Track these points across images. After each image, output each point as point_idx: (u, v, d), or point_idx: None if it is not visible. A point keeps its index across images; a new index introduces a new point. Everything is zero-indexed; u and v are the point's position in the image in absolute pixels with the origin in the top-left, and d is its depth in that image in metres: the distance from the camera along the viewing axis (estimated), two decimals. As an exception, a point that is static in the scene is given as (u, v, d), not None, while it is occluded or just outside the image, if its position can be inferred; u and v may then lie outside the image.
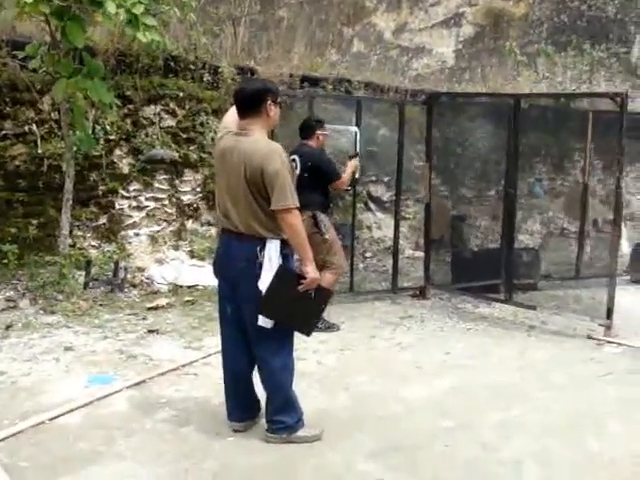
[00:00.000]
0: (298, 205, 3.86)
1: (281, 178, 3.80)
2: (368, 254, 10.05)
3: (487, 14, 18.73)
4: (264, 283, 3.86)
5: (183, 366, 5.37)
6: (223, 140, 4.06)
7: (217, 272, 4.17)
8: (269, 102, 3.98)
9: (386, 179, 10.36)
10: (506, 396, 4.96)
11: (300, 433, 4.14)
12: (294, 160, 6.57)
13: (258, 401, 4.31)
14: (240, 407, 4.27)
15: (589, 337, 6.60)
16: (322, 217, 6.63)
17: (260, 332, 3.96)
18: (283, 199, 3.80)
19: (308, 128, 6.88)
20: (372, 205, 10.65)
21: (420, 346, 6.22)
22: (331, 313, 7.08)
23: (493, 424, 4.49)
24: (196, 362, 5.49)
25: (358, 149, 7.47)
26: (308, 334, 4.11)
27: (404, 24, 19.66)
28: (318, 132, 6.84)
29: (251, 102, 3.96)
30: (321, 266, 6.26)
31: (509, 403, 4.84)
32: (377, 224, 10.61)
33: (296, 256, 4.04)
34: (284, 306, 3.90)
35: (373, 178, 10.47)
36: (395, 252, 8.12)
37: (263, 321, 3.91)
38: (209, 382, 5.01)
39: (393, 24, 19.74)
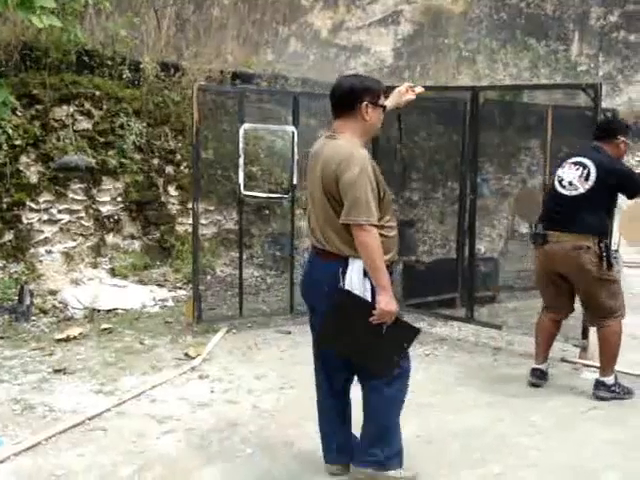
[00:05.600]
0: (374, 221, 3.29)
1: (357, 188, 3.26)
2: (310, 266, 9.18)
3: (425, 12, 18.23)
4: None
5: (90, 419, 4.40)
6: (316, 143, 3.62)
7: (303, 294, 3.74)
8: (366, 103, 3.42)
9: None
10: (482, 446, 4.15)
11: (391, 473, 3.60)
12: (586, 167, 4.95)
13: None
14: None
15: (563, 360, 5.84)
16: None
17: None
18: (355, 213, 3.26)
19: (609, 130, 5.18)
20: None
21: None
22: (277, 342, 6.24)
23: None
24: (107, 412, 4.54)
25: (295, 151, 6.59)
26: (383, 374, 3.48)
27: (341, 23, 19.01)
28: (621, 139, 5.13)
29: (344, 101, 3.46)
30: (601, 315, 5.02)
31: (485, 456, 4.03)
32: (319, 232, 9.77)
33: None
34: (349, 337, 3.35)
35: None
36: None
37: None
38: (119, 441, 4.09)
39: (330, 23, 19.07)
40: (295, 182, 6.74)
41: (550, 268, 5.09)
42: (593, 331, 5.50)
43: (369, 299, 3.34)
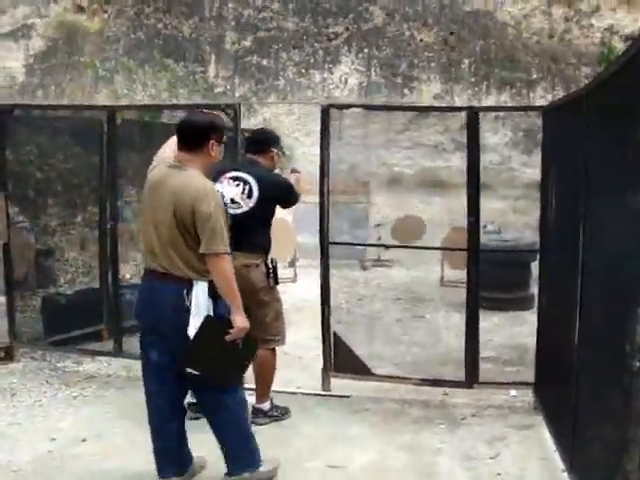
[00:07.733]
0: (229, 250, 3.63)
1: (213, 221, 3.56)
2: None
3: (59, 27, 17.48)
4: (193, 331, 3.57)
5: None
6: (156, 171, 3.82)
7: (140, 318, 3.88)
8: (212, 141, 3.72)
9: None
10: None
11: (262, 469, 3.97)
12: (247, 182, 4.83)
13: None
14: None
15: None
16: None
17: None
18: (214, 244, 3.57)
19: (262, 142, 5.14)
20: None
21: (14, 434, 4.72)
22: None
23: None
24: None
25: None
26: (240, 384, 3.94)
27: (-41, 32, 17.60)
28: (274, 150, 5.11)
29: (194, 138, 3.72)
30: (266, 338, 4.85)
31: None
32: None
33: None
34: (211, 357, 3.62)
35: None
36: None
37: None
38: None
39: (-56, 32, 17.59)
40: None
41: None
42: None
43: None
